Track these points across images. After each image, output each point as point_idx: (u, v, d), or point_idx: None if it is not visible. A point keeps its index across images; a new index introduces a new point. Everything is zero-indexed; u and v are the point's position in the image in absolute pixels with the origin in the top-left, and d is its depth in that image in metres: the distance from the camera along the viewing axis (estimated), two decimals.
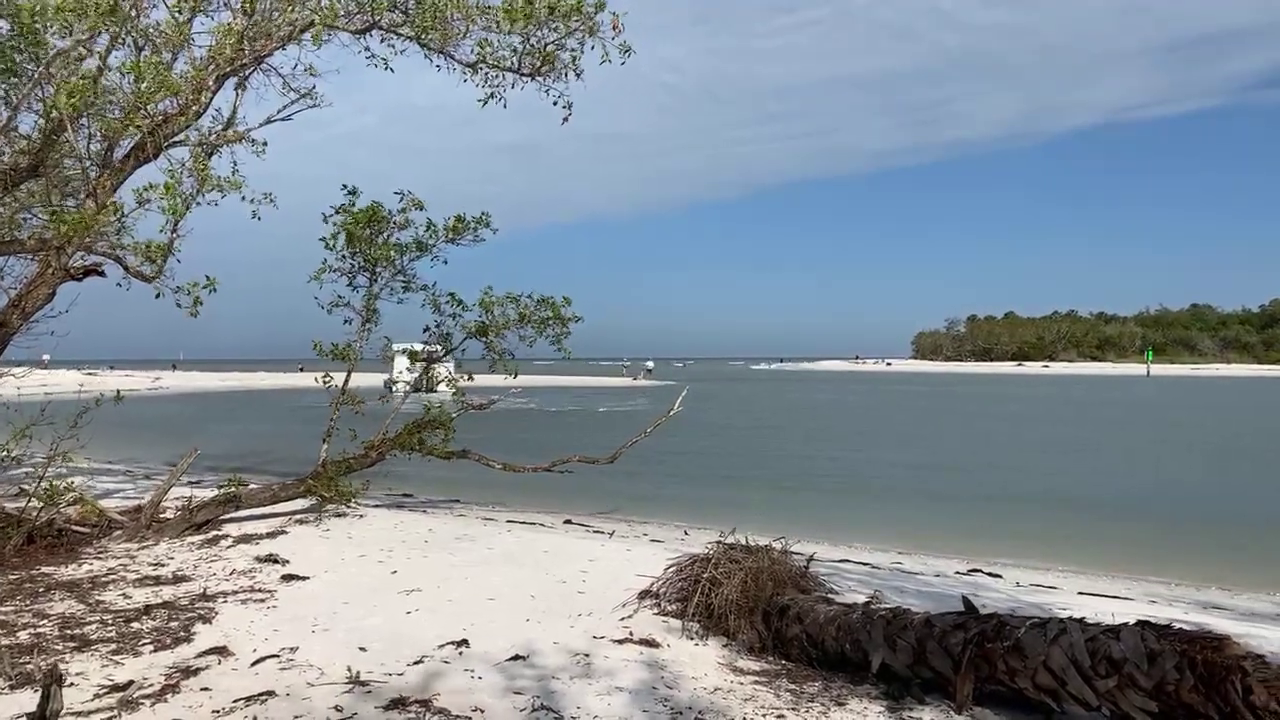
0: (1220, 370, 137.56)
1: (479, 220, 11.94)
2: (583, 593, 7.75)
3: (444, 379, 13.86)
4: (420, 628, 6.74)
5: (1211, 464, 24.10)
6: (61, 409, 10.22)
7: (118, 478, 15.97)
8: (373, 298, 11.95)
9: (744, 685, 5.72)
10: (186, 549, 9.56)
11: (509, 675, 5.71)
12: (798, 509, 15.62)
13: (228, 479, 11.08)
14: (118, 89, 10.30)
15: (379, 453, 12.05)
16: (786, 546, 7.27)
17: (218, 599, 7.51)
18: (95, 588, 7.87)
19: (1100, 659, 4.59)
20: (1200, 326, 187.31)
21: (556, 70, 9.63)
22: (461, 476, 16.92)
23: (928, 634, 5.51)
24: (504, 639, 6.42)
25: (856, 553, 11.68)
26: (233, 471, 15.99)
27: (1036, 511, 16.11)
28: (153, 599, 7.48)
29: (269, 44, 10.02)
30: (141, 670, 5.77)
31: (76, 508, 10.15)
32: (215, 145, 10.47)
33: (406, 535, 10.25)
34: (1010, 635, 5.07)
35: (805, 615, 6.37)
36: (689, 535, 12.53)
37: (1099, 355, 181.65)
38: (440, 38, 9.31)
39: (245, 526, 10.52)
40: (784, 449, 27.54)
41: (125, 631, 6.58)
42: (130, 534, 9.96)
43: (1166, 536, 13.59)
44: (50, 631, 6.54)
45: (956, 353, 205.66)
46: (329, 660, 5.98)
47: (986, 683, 5.14)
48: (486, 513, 14.19)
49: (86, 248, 10.20)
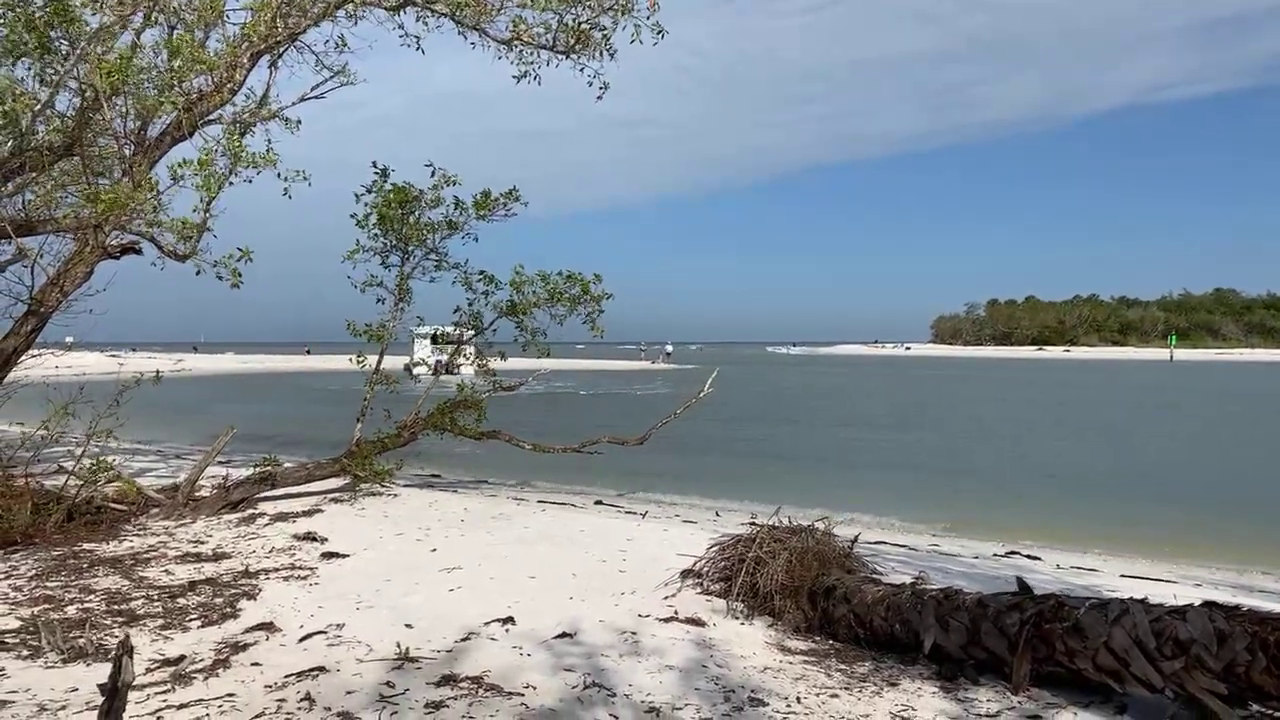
0: (1245, 355, 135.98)
1: (508, 195, 11.87)
2: (624, 571, 7.73)
3: (469, 362, 13.85)
4: (463, 605, 6.73)
5: (1248, 449, 23.76)
6: (95, 389, 10.26)
7: (150, 457, 16.07)
8: (405, 277, 11.93)
9: (793, 665, 5.68)
10: (224, 527, 9.59)
11: (557, 653, 5.69)
12: (827, 489, 15.53)
13: (263, 458, 11.10)
14: (152, 66, 10.29)
15: (412, 433, 12.06)
16: (829, 527, 7.21)
17: (260, 576, 7.53)
18: (138, 564, 7.91)
19: (1166, 640, 4.51)
20: (1224, 311, 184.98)
21: (591, 48, 9.52)
22: (486, 457, 16.96)
23: (982, 614, 5.45)
24: (549, 616, 6.40)
25: (891, 534, 11.61)
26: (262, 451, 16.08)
27: (1068, 495, 15.97)
28: (196, 575, 7.50)
29: (303, 20, 9.96)
30: (191, 645, 5.79)
31: (114, 486, 10.20)
32: (249, 123, 10.45)
33: (442, 514, 10.25)
34: (1069, 616, 4.99)
35: (852, 595, 6.31)
36: (720, 516, 12.48)
37: (1121, 340, 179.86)
38: (475, 13, 9.22)
39: (280, 505, 10.55)
40: (814, 431, 27.44)
41: (171, 607, 6.61)
42: (167, 512, 10.00)
43: (1201, 519, 13.44)
44: (97, 606, 6.58)
45: (976, 337, 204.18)
46: (376, 637, 5.97)
47: (1044, 663, 5.07)
48: (516, 493, 14.19)
49: (122, 226, 10.22)
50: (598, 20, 9.27)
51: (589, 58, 9.67)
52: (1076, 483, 17.46)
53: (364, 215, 11.35)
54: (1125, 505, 14.80)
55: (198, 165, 8.57)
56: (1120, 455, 22.52)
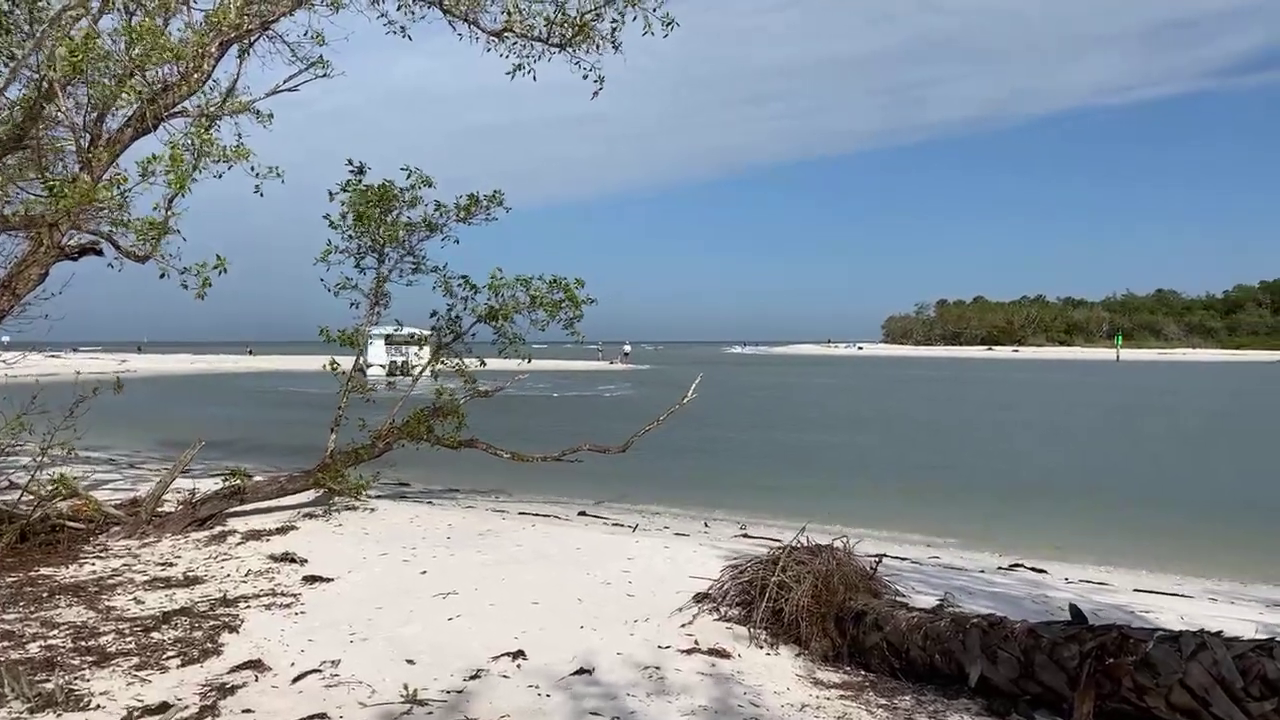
0: (1187, 355, 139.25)
1: (492, 198, 11.38)
2: (632, 595, 7.30)
3: (425, 362, 13.28)
4: (466, 636, 6.26)
5: (1224, 452, 23.92)
6: (49, 396, 9.57)
7: (102, 467, 15.26)
8: (381, 280, 11.37)
9: (831, 700, 5.32)
10: (193, 546, 8.99)
11: (577, 693, 5.25)
12: (808, 497, 15.23)
13: (231, 470, 10.47)
14: (110, 54, 9.62)
15: (387, 443, 11.52)
16: (849, 546, 6.86)
17: (239, 604, 6.98)
18: (103, 591, 7.30)
19: (1253, 679, 4.21)
20: (1166, 312, 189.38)
21: (591, 41, 9.06)
22: (454, 463, 16.30)
23: (1034, 645, 5.12)
24: (561, 649, 5.96)
25: (887, 545, 11.31)
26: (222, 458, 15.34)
27: (1052, 500, 15.85)
28: (168, 604, 6.93)
29: (277, 9, 9.37)
30: (172, 689, 5.24)
31: (70, 502, 9.52)
32: (217, 116, 9.82)
33: (426, 531, 9.73)
34: (1135, 649, 4.68)
35: (885, 622, 5.97)
36: (710, 528, 12.12)
37: (1067, 340, 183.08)
38: (467, 2, 8.72)
39: (251, 521, 9.96)
40: (787, 434, 27.19)
41: (146, 643, 6.03)
42: (130, 530, 9.36)
43: (1194, 528, 13.33)
44: (63, 643, 5.98)
45: (926, 337, 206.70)
46: (376, 675, 5.49)
47: (1108, 700, 4.75)
48: (493, 504, 13.69)
49: (78, 225, 9.56)
50: (603, 10, 8.81)
51: (586, 51, 9.24)
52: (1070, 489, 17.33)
53: (340, 215, 10.77)
54: (1114, 512, 14.67)
55: (169, 160, 7.94)
56: (1092, 457, 22.59)
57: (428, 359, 12.70)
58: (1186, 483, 18.30)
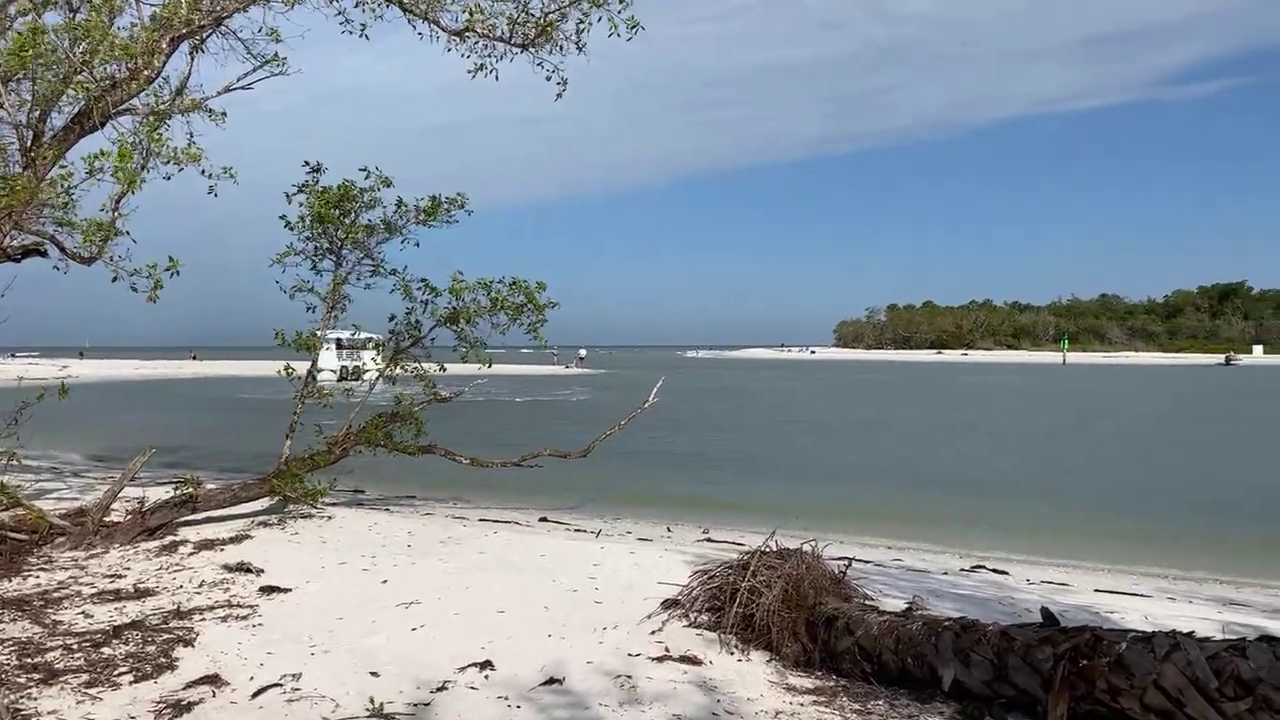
0: (1130, 358, 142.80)
1: (454, 201, 11.22)
2: (599, 602, 7.19)
3: (373, 367, 13.06)
4: (431, 647, 6.11)
5: (1170, 455, 24.40)
6: None
7: (44, 475, 14.74)
8: (339, 282, 11.12)
9: (805, 706, 5.26)
10: (143, 557, 8.69)
11: (547, 704, 5.14)
12: (769, 500, 15.25)
13: (182, 477, 10.17)
14: (54, 49, 9.31)
15: (343, 449, 11.28)
16: (818, 550, 6.83)
17: (194, 616, 6.75)
18: (49, 605, 7.02)
19: (1228, 679, 4.23)
20: (1109, 316, 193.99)
21: (554, 42, 8.95)
22: (409, 468, 16.03)
23: (1007, 648, 5.12)
24: (530, 658, 5.84)
25: (845, 547, 11.32)
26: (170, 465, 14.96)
27: (1009, 502, 16.05)
28: (119, 618, 6.68)
29: (230, 4, 9.13)
30: (125, 707, 5.03)
31: (12, 512, 9.16)
32: (167, 114, 9.55)
33: (385, 539, 9.53)
34: (1109, 650, 4.70)
35: (856, 626, 5.93)
36: (673, 532, 12.06)
37: (1014, 344, 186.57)
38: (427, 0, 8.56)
39: (204, 531, 9.67)
40: (747, 439, 27.21)
41: (96, 659, 5.80)
42: (76, 541, 9.03)
43: (1146, 528, 13.56)
44: (8, 660, 5.73)
45: (877, 341, 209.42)
46: (339, 688, 5.33)
47: (1082, 702, 4.75)
48: (451, 510, 13.47)
49: (19, 225, 9.23)
50: (567, 11, 8.69)
51: (549, 51, 9.12)
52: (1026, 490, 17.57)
53: (298, 216, 10.52)
54: (1069, 514, 14.88)
55: (117, 157, 7.67)
56: (1045, 460, 22.95)
57: (381, 364, 12.48)
58: (1137, 485, 18.62)
